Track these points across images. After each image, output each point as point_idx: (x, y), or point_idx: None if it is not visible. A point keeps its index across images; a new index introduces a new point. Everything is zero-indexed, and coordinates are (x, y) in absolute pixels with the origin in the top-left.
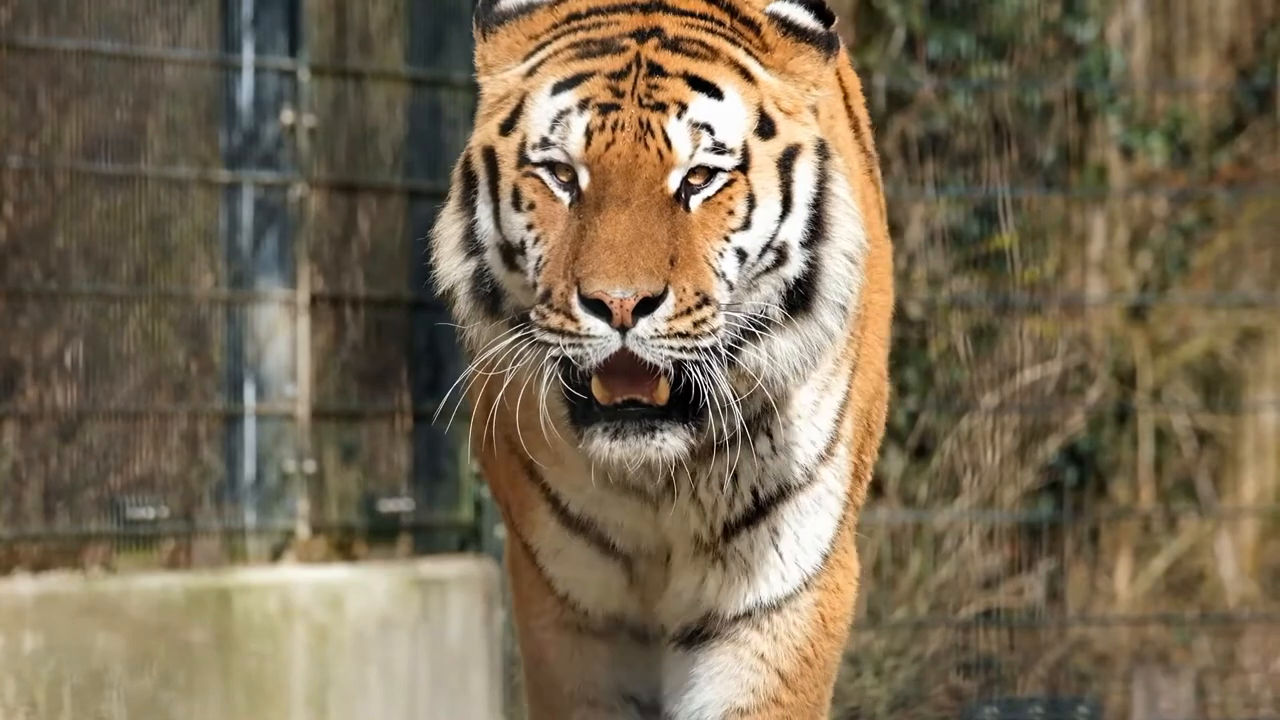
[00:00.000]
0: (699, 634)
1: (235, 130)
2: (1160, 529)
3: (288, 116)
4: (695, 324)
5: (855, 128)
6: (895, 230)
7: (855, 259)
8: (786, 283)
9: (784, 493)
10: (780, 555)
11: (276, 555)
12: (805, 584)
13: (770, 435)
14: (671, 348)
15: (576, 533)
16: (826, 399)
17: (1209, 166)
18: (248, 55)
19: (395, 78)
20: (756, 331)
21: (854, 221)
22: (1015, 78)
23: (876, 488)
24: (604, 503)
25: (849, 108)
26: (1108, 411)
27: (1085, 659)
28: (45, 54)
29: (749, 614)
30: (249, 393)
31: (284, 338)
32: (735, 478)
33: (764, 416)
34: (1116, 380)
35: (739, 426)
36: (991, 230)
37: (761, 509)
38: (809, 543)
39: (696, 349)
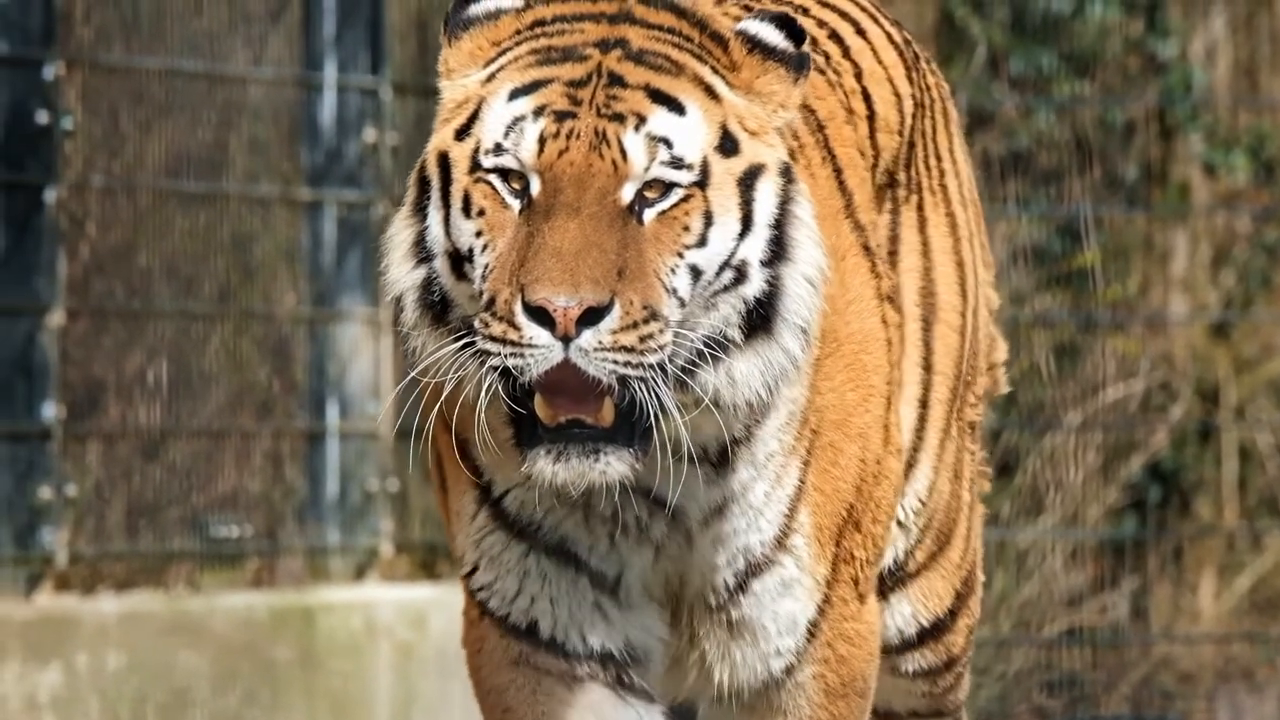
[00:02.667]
0: (726, 698)
1: (317, 148)
2: (1244, 546)
3: (370, 135)
4: (641, 339)
5: (848, 205)
6: None
7: (815, 283)
8: (746, 302)
9: (751, 572)
10: (766, 633)
11: (360, 574)
12: (798, 659)
13: (732, 519)
14: (615, 362)
15: (515, 536)
16: (777, 490)
17: None
18: (330, 74)
19: None
20: (713, 354)
21: (816, 246)
22: (1098, 95)
23: None
24: (556, 513)
25: (841, 183)
26: (1191, 429)
27: (1169, 677)
28: (128, 73)
29: (761, 688)
30: (332, 411)
31: (367, 356)
32: (717, 547)
33: (730, 501)
34: (1200, 398)
35: (711, 503)
36: (1074, 248)
37: (742, 586)
38: (785, 624)
39: (642, 365)
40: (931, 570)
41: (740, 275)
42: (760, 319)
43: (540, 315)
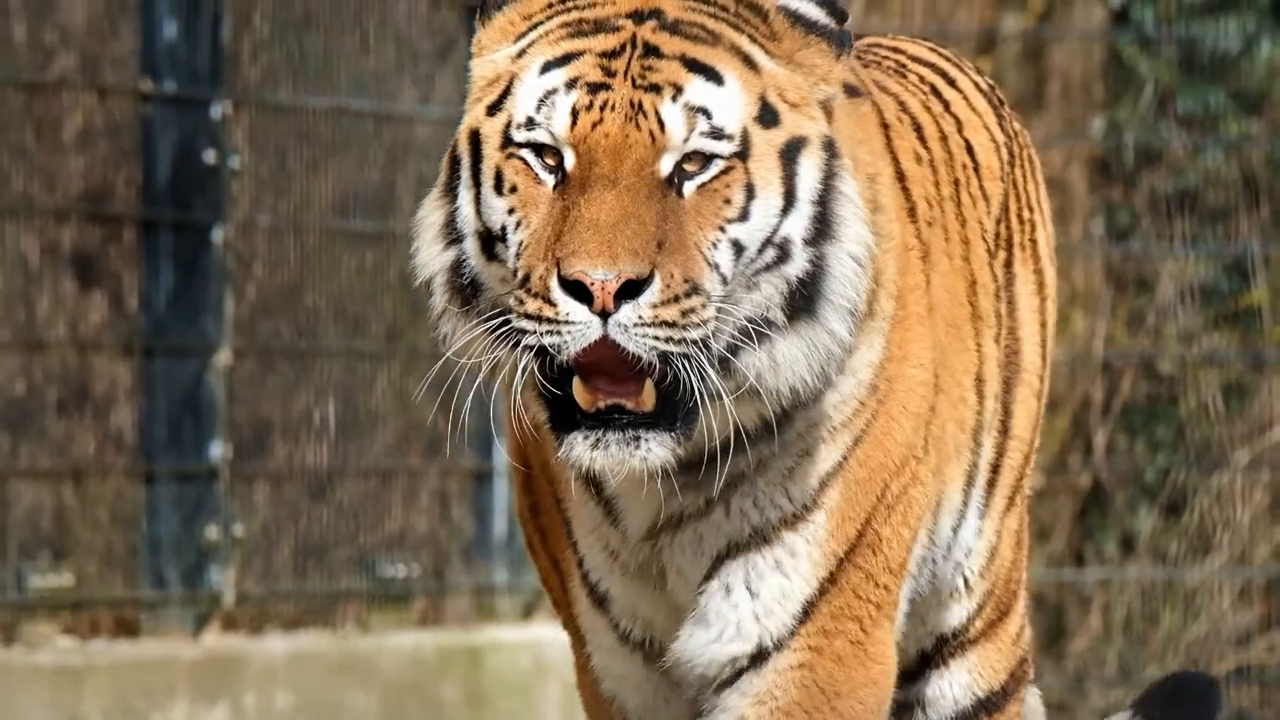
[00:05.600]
0: (693, 702)
1: None
2: None
3: None
4: (683, 313)
5: (911, 211)
6: (1145, 286)
7: (862, 261)
8: (789, 282)
9: (733, 550)
10: (736, 608)
11: (528, 613)
12: (777, 643)
13: (727, 504)
14: (656, 337)
15: (599, 609)
16: (805, 464)
17: None
18: None
19: None
20: (756, 335)
21: (861, 222)
22: (1266, 133)
23: (1128, 544)
24: (610, 572)
25: (905, 190)
26: None
27: None
28: (295, 112)
29: (733, 676)
30: (499, 450)
31: None
32: (701, 542)
33: (730, 487)
34: None
35: (700, 503)
36: (1242, 286)
37: (716, 567)
38: (771, 601)
39: (684, 341)
40: (989, 640)
41: (783, 254)
42: (804, 300)
43: (577, 290)
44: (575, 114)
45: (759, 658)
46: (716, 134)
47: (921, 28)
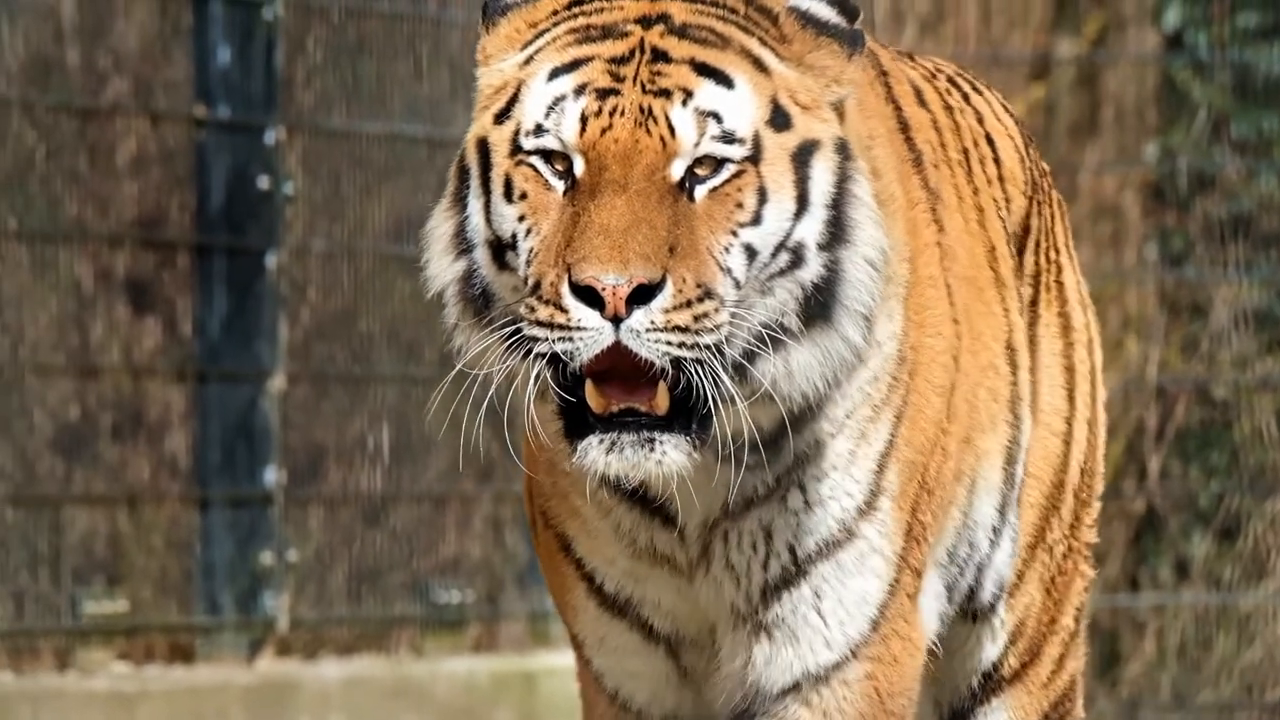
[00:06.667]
0: (745, 714)
1: None
2: None
3: None
4: (696, 318)
5: (916, 161)
6: (1199, 312)
7: (877, 266)
8: (803, 288)
9: (822, 550)
10: (824, 619)
11: None
12: (853, 652)
13: (804, 489)
14: (669, 343)
15: (616, 615)
16: (864, 447)
17: None
18: None
19: None
20: (772, 341)
21: (876, 226)
22: None
23: (1182, 569)
24: (639, 577)
25: (909, 140)
26: None
27: None
28: (349, 138)
29: (796, 687)
30: None
31: None
32: (770, 535)
33: (796, 469)
34: None
35: (769, 481)
36: None
37: (800, 568)
38: (853, 605)
39: (697, 345)
40: (1020, 683)
41: (797, 258)
42: (819, 306)
43: (588, 295)
44: (584, 120)
45: (835, 668)
46: (727, 138)
47: (975, 52)
